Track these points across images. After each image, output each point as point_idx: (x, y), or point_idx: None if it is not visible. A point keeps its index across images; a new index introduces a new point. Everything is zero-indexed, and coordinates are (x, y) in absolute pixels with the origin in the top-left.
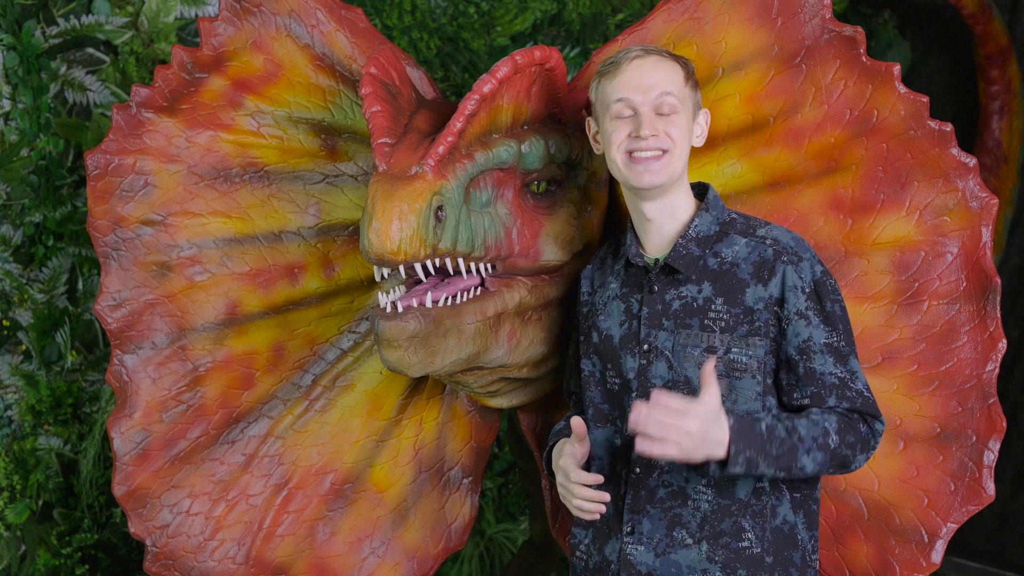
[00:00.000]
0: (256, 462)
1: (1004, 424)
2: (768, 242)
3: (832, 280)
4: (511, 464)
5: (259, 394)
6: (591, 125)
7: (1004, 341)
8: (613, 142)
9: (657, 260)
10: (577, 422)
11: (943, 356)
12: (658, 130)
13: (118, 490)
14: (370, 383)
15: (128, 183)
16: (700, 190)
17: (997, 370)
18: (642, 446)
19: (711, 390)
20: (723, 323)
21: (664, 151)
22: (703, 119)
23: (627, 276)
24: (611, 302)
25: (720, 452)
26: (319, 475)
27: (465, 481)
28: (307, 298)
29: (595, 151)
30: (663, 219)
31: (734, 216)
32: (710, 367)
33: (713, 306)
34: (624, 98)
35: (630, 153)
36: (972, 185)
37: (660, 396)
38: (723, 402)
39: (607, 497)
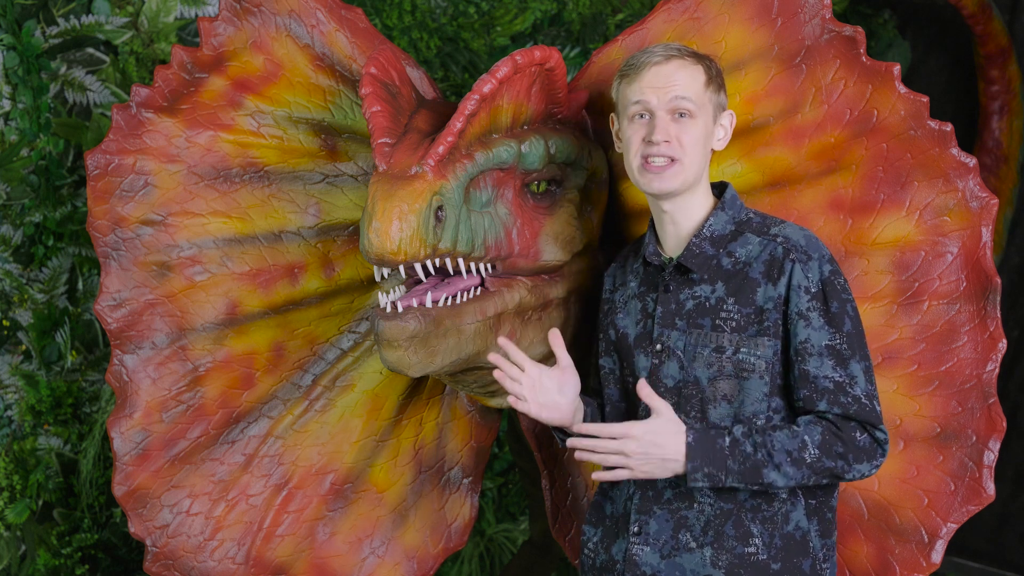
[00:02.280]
0: (256, 462)
1: (1004, 424)
2: (779, 240)
3: (842, 280)
4: (511, 464)
5: (259, 394)
6: (613, 121)
7: (1004, 341)
8: (631, 146)
9: (671, 259)
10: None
11: (943, 356)
12: (671, 135)
13: (118, 490)
14: (370, 383)
15: (128, 183)
16: (720, 188)
17: (997, 370)
18: (596, 475)
19: (657, 407)
20: (734, 323)
21: (674, 160)
22: (727, 121)
23: (645, 275)
24: (630, 301)
25: (679, 468)
26: (319, 475)
27: (465, 481)
28: (307, 298)
29: (617, 148)
30: (680, 216)
31: (751, 215)
32: (645, 387)
33: (725, 306)
34: (640, 100)
35: (645, 159)
36: (972, 185)
37: (587, 427)
38: (732, 402)
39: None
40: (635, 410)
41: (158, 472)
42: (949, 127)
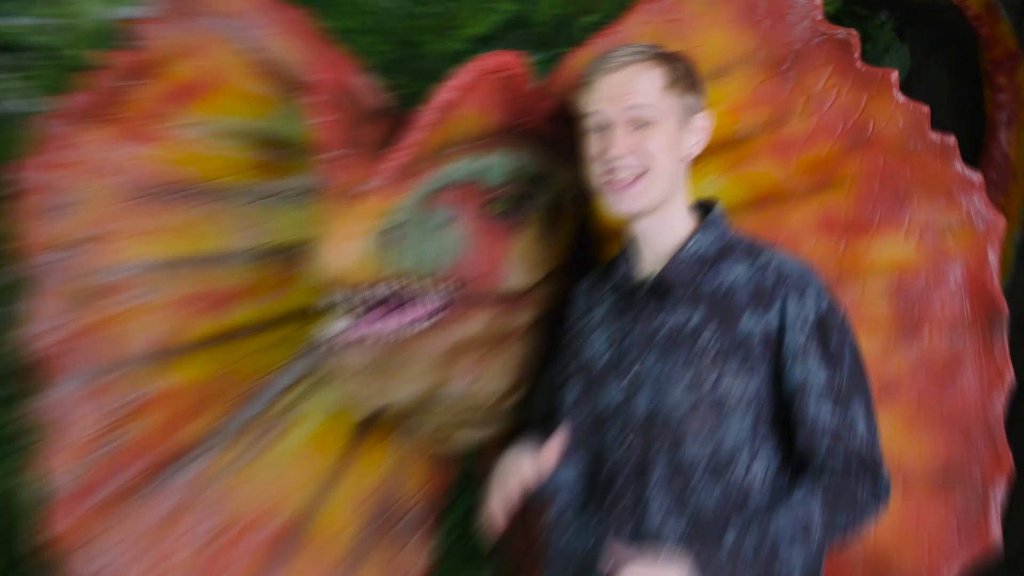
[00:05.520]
0: (190, 508)
1: (1012, 464)
2: (771, 267)
3: (840, 314)
4: (469, 509)
5: (193, 433)
6: None
7: (1012, 374)
8: (589, 164)
9: (647, 278)
10: (551, 449)
11: (945, 390)
12: (630, 147)
13: (42, 537)
14: (316, 421)
15: (50, 201)
16: (705, 206)
17: (1004, 404)
18: None
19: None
20: (714, 352)
21: (642, 171)
22: (701, 124)
23: (618, 297)
24: (599, 327)
25: None
26: (259, 523)
27: (420, 527)
28: (246, 328)
29: None
30: (654, 236)
31: (739, 237)
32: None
33: (705, 332)
34: (595, 111)
35: (605, 179)
36: (977, 203)
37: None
38: (710, 438)
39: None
40: (595, 438)
41: (83, 518)
42: (952, 140)
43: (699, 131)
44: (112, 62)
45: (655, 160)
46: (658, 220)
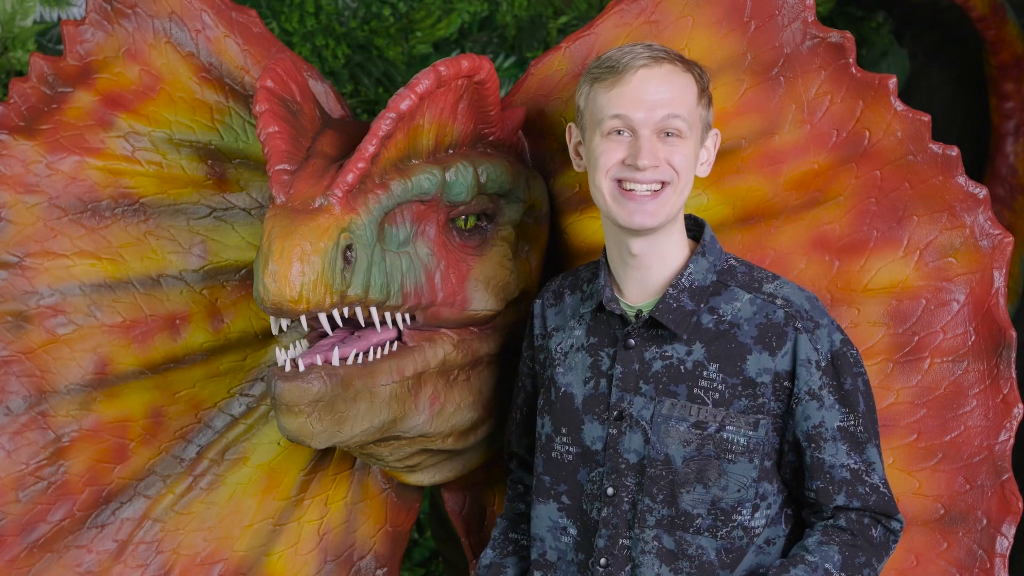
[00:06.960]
0: (130, 550)
1: (1021, 504)
2: (779, 302)
3: (854, 351)
4: (434, 553)
5: (134, 469)
6: (572, 132)
7: (1020, 406)
8: (601, 165)
9: (640, 312)
10: None
11: (947, 424)
12: (659, 159)
13: None
14: (266, 455)
15: None
16: (692, 225)
17: (1012, 440)
18: None
19: None
20: (717, 394)
21: (663, 184)
22: (711, 142)
23: (595, 323)
24: (575, 353)
25: None
26: (205, 565)
27: (379, 572)
28: (191, 355)
29: (575, 166)
30: (651, 260)
31: (733, 263)
32: None
33: (705, 372)
34: (622, 115)
35: (620, 183)
36: (982, 220)
37: None
38: (711, 488)
39: None
40: (564, 487)
41: (13, 562)
42: (955, 151)
43: (709, 149)
44: (45, 67)
45: (680, 175)
46: (658, 245)
